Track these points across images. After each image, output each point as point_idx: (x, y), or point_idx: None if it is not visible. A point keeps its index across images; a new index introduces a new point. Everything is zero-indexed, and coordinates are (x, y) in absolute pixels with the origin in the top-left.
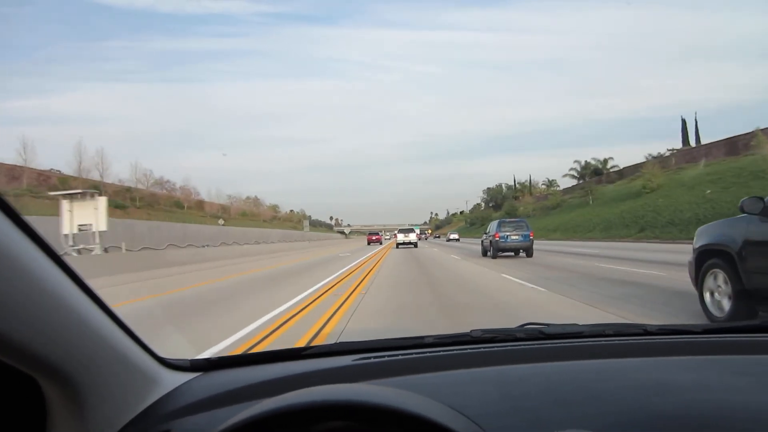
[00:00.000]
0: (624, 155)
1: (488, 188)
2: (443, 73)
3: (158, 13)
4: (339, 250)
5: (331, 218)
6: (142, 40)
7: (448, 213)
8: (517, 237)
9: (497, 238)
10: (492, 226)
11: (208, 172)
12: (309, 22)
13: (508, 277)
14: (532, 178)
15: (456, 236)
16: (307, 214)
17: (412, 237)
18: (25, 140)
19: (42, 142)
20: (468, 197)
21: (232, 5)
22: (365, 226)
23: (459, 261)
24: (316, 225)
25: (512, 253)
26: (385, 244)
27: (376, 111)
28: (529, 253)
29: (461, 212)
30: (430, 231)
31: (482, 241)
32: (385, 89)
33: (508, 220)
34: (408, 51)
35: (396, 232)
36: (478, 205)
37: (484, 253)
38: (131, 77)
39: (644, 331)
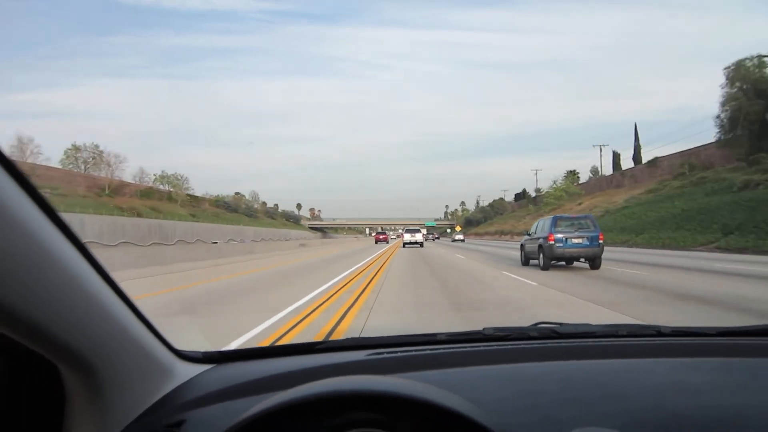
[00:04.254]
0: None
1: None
2: (447, 73)
3: (162, 9)
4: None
5: (299, 206)
6: (146, 36)
7: (478, 203)
8: (580, 240)
9: (551, 242)
10: (542, 225)
11: (209, 169)
12: (313, 20)
13: None
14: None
15: (461, 237)
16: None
17: (418, 237)
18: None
19: (43, 138)
20: (468, 197)
21: (236, 2)
22: (356, 220)
23: (511, 280)
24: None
25: (563, 263)
26: (392, 243)
27: (379, 110)
28: (595, 263)
29: (558, 183)
30: (458, 227)
31: (522, 245)
32: (389, 88)
33: (566, 216)
34: (412, 50)
35: (402, 232)
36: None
37: (526, 262)
38: (135, 73)
39: (658, 332)
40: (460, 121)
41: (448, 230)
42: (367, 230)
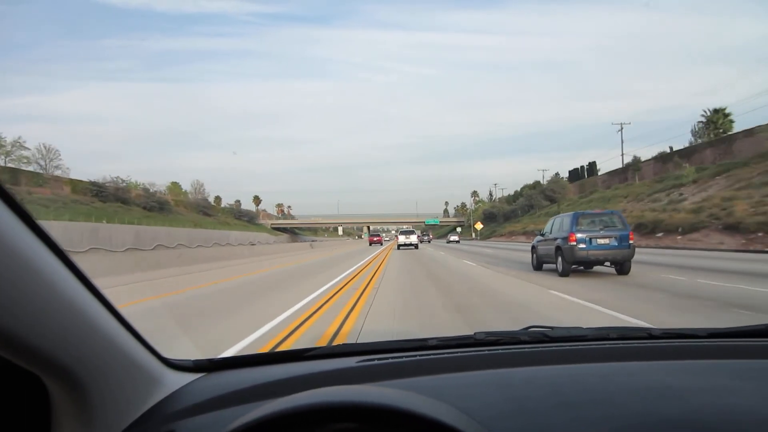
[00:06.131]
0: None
1: None
2: (439, 75)
3: (154, 12)
4: None
5: (256, 200)
6: (137, 39)
7: (492, 194)
8: (607, 240)
9: (573, 243)
10: (560, 223)
11: (201, 172)
12: (304, 22)
13: None
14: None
15: (456, 238)
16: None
17: (413, 238)
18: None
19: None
20: (474, 193)
21: (228, 5)
22: (342, 219)
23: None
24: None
25: (581, 267)
26: (386, 245)
27: (371, 112)
28: (624, 267)
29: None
30: (479, 225)
31: (534, 246)
32: (381, 90)
33: (589, 212)
34: (404, 52)
35: (397, 234)
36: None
37: (538, 267)
38: (126, 76)
39: (648, 335)
40: (455, 122)
41: (458, 229)
42: (340, 230)
